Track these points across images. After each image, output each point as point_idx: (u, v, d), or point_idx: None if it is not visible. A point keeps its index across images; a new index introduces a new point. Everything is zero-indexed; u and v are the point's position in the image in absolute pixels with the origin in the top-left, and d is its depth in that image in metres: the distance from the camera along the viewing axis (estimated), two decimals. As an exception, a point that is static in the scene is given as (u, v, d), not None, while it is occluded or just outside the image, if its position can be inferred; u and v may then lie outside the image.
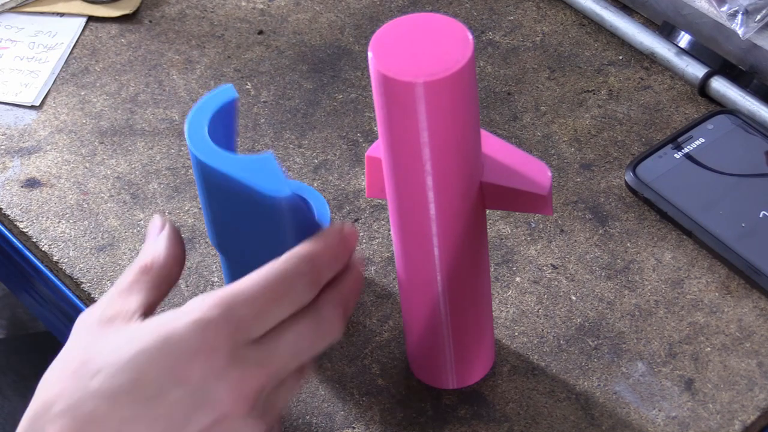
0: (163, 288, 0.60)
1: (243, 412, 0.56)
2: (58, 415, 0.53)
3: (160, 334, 0.54)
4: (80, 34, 0.91)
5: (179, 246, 0.60)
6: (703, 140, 0.77)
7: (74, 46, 0.90)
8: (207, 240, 0.75)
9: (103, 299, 0.59)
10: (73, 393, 0.54)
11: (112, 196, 0.79)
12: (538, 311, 0.71)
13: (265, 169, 0.60)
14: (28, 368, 1.11)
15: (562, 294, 0.71)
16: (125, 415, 0.53)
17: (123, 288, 0.59)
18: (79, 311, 0.75)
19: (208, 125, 0.61)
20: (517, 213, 0.75)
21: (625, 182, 0.76)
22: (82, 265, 0.75)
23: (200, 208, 0.77)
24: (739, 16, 0.80)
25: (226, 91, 0.63)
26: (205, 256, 0.75)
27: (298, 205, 0.61)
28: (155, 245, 0.60)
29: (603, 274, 0.72)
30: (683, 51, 0.82)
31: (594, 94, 0.83)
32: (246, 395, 0.56)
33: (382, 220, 0.76)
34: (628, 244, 0.73)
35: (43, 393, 0.55)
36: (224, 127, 0.63)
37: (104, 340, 0.56)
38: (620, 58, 0.85)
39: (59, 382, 0.54)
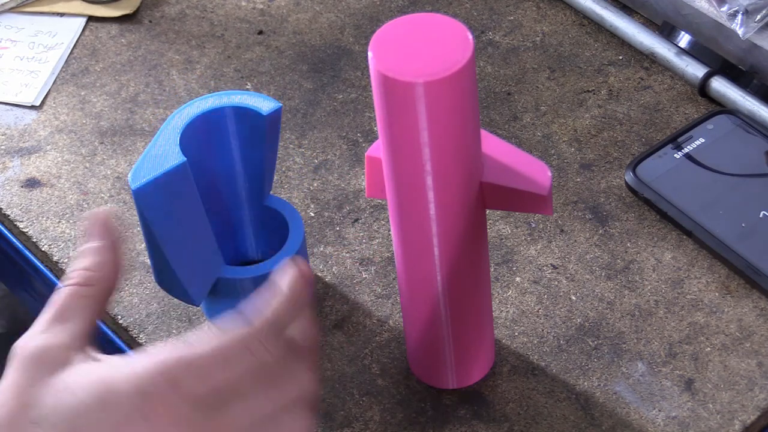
0: (99, 305, 0.56)
1: None
2: None
3: (100, 391, 0.52)
4: (80, 34, 0.91)
5: (111, 253, 0.56)
6: (703, 140, 0.77)
7: (74, 46, 0.90)
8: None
9: (37, 326, 0.55)
10: None
11: (112, 196, 0.79)
12: (538, 311, 0.71)
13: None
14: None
15: (562, 294, 0.71)
16: None
17: (56, 314, 0.55)
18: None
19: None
20: (517, 213, 0.75)
21: (625, 182, 0.76)
22: (82, 265, 0.75)
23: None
24: (739, 16, 0.80)
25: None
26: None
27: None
28: (84, 259, 0.56)
29: (603, 274, 0.72)
30: (683, 51, 0.82)
31: (594, 94, 0.83)
32: None
33: (382, 220, 0.76)
34: (628, 244, 0.73)
35: None
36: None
37: (43, 385, 0.53)
38: (620, 58, 0.85)
39: None
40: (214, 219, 0.66)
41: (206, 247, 0.64)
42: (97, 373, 0.53)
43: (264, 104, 0.65)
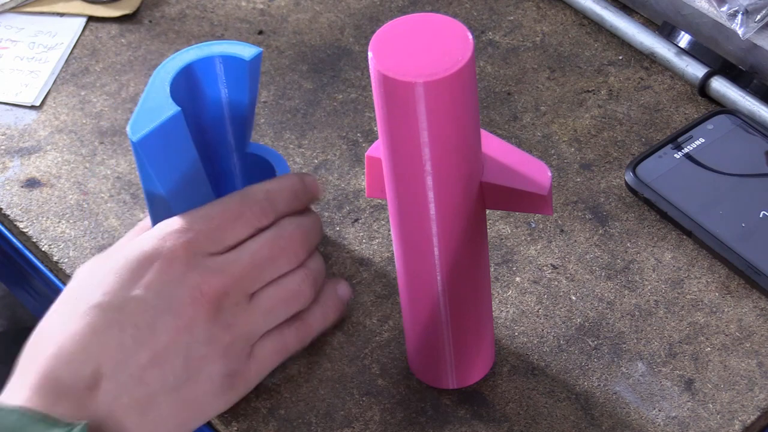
0: None
1: (206, 315, 0.62)
2: (50, 337, 0.61)
3: (127, 250, 0.63)
4: (80, 34, 0.91)
5: None
6: (703, 140, 0.77)
7: (74, 46, 0.90)
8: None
9: None
10: (61, 317, 0.62)
11: (112, 196, 0.79)
12: (538, 311, 0.71)
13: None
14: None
15: (562, 294, 0.71)
16: (98, 326, 0.60)
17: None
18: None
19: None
20: (517, 213, 0.75)
21: (625, 182, 0.76)
22: (82, 265, 0.75)
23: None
24: (739, 16, 0.80)
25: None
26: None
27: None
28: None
29: (603, 274, 0.72)
30: (683, 51, 0.82)
31: (594, 94, 0.83)
32: (207, 298, 0.61)
33: (382, 220, 0.76)
34: (628, 244, 0.73)
35: (41, 325, 0.63)
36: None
37: (90, 270, 0.64)
38: (620, 58, 0.85)
39: (54, 312, 0.63)
40: (205, 167, 0.67)
41: (204, 194, 0.67)
42: (130, 241, 0.64)
43: (245, 50, 0.67)
